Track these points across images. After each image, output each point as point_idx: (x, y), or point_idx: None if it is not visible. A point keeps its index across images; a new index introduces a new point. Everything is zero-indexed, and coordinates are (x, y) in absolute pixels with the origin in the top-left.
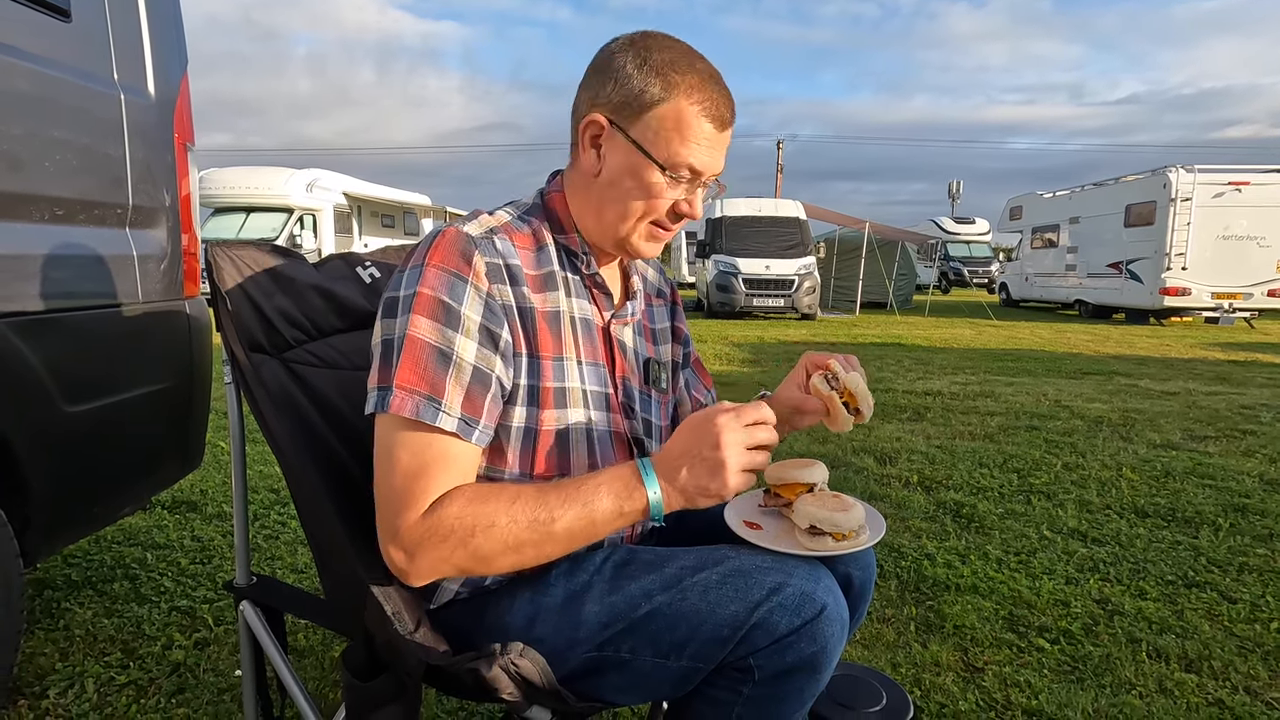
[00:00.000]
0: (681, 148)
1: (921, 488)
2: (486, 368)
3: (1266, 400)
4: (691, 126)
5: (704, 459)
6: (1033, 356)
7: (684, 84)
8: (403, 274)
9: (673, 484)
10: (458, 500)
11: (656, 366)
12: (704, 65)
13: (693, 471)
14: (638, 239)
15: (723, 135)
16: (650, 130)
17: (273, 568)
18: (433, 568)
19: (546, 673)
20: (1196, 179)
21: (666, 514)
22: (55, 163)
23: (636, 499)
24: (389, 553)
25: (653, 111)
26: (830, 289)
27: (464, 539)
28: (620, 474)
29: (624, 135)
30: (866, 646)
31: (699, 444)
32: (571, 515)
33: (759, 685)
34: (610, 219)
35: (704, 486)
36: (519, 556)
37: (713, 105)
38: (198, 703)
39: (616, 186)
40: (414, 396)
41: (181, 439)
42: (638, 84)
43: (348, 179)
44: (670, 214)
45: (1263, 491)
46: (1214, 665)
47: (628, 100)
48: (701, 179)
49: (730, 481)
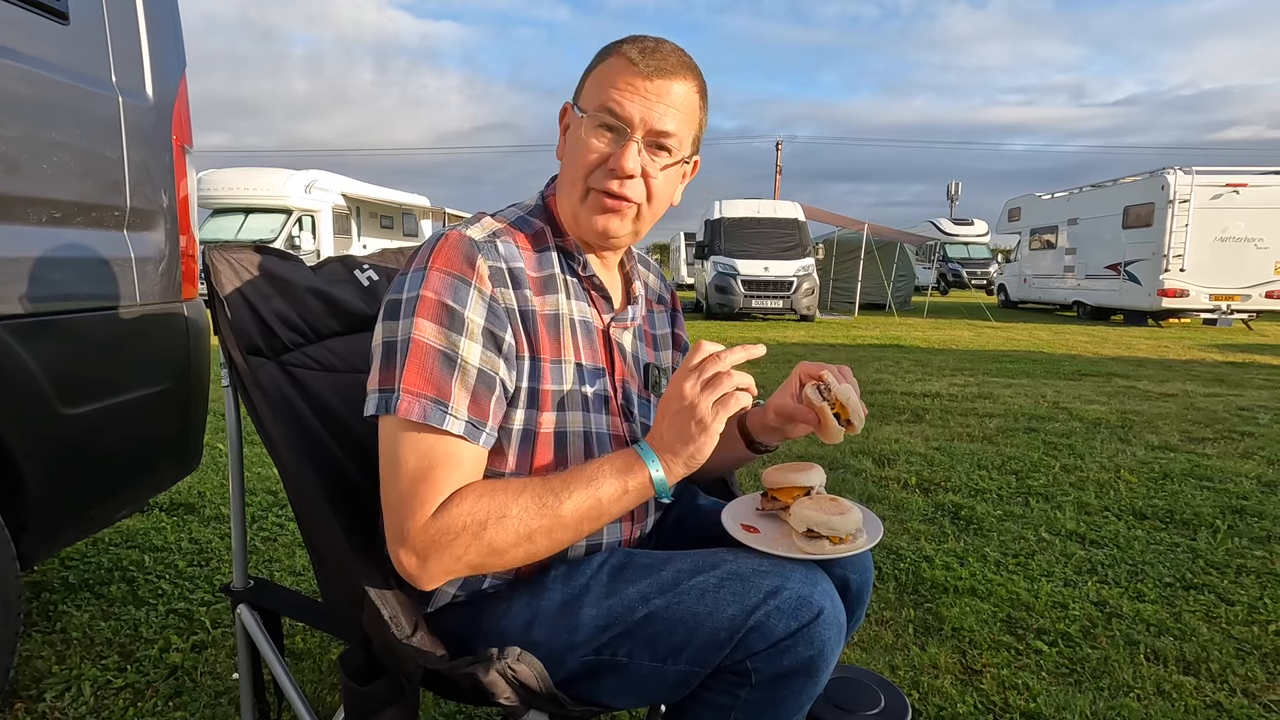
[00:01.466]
0: (600, 93)
1: (920, 490)
2: (491, 370)
3: (1264, 402)
4: (615, 71)
5: (675, 411)
6: (1031, 358)
7: (619, 47)
8: (405, 277)
9: (663, 450)
10: (467, 497)
11: (656, 371)
12: (650, 37)
13: (672, 426)
14: (588, 212)
15: (653, 85)
16: (586, 93)
17: (270, 570)
18: (446, 568)
19: (543, 677)
20: (1194, 181)
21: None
22: (53, 165)
23: (638, 474)
24: (399, 557)
25: (589, 76)
26: (829, 290)
27: (477, 533)
28: (620, 455)
29: (575, 107)
30: (864, 649)
31: (667, 404)
32: (578, 497)
33: (756, 689)
34: (564, 191)
35: (686, 434)
36: (532, 546)
37: (638, 54)
38: (195, 706)
39: (566, 157)
40: (421, 400)
41: (179, 441)
42: (589, 64)
43: (346, 180)
44: (605, 171)
45: (1260, 493)
46: (1212, 667)
47: (583, 77)
48: (633, 131)
49: (704, 418)
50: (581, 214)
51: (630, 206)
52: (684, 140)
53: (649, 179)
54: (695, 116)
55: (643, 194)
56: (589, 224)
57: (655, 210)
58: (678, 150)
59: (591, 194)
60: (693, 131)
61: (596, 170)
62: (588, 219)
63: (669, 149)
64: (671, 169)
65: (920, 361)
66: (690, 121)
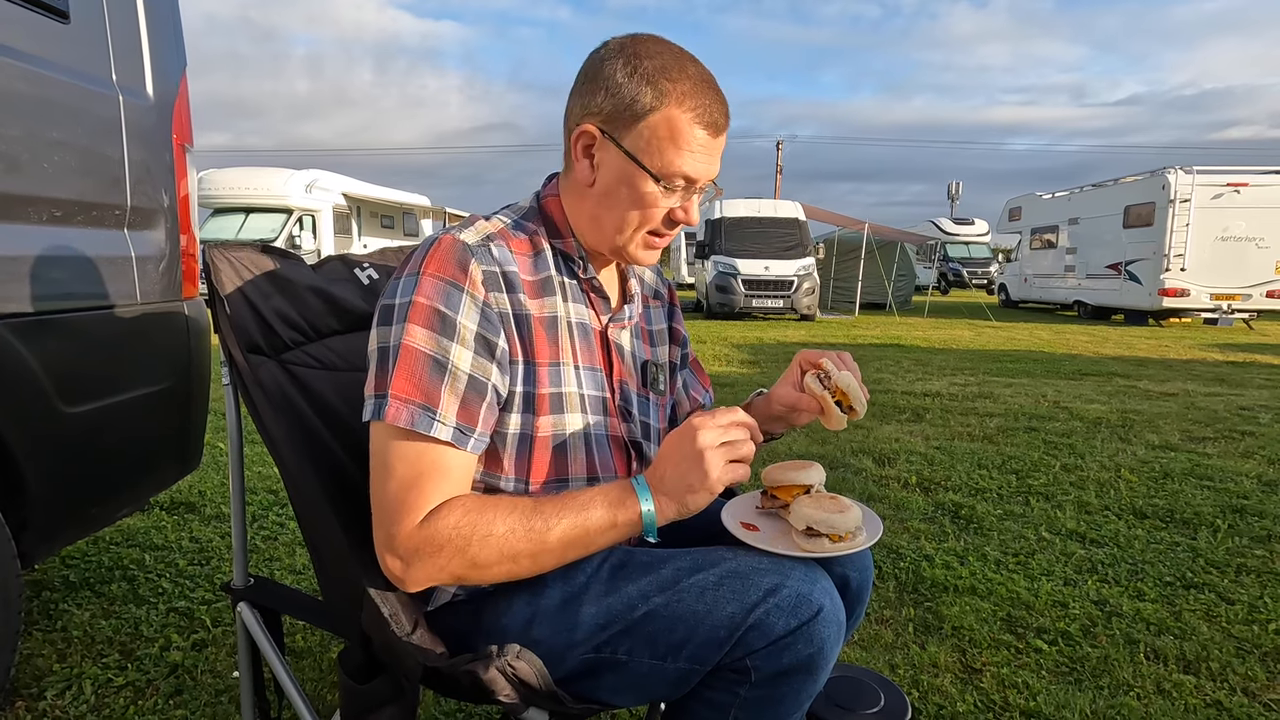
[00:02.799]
0: (675, 157)
1: (920, 489)
2: (482, 376)
3: (1265, 401)
4: (684, 134)
5: (684, 456)
6: (1031, 358)
7: (675, 91)
8: (398, 281)
9: (660, 490)
10: (455, 510)
11: (654, 369)
12: (695, 69)
13: (676, 471)
14: (635, 248)
15: (717, 141)
16: (643, 140)
17: (271, 569)
18: (429, 576)
19: (543, 674)
20: (1195, 180)
21: (661, 527)
22: (54, 164)
23: (629, 509)
24: (385, 560)
25: (645, 121)
26: (829, 290)
27: (461, 548)
28: (615, 485)
29: (616, 145)
30: (864, 647)
31: (679, 446)
32: (566, 524)
33: (756, 686)
34: (606, 228)
35: (688, 484)
36: (514, 566)
37: (705, 111)
38: (195, 704)
39: (611, 196)
40: (409, 406)
41: (180, 440)
42: (629, 93)
43: (347, 180)
44: (666, 221)
45: (1261, 492)
46: (1212, 666)
47: (619, 110)
48: (697, 186)
49: (711, 473)
50: (625, 249)
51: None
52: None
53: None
54: None
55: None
56: (633, 257)
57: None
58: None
59: (647, 236)
60: None
61: (660, 221)
62: (635, 254)
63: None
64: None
65: (921, 361)
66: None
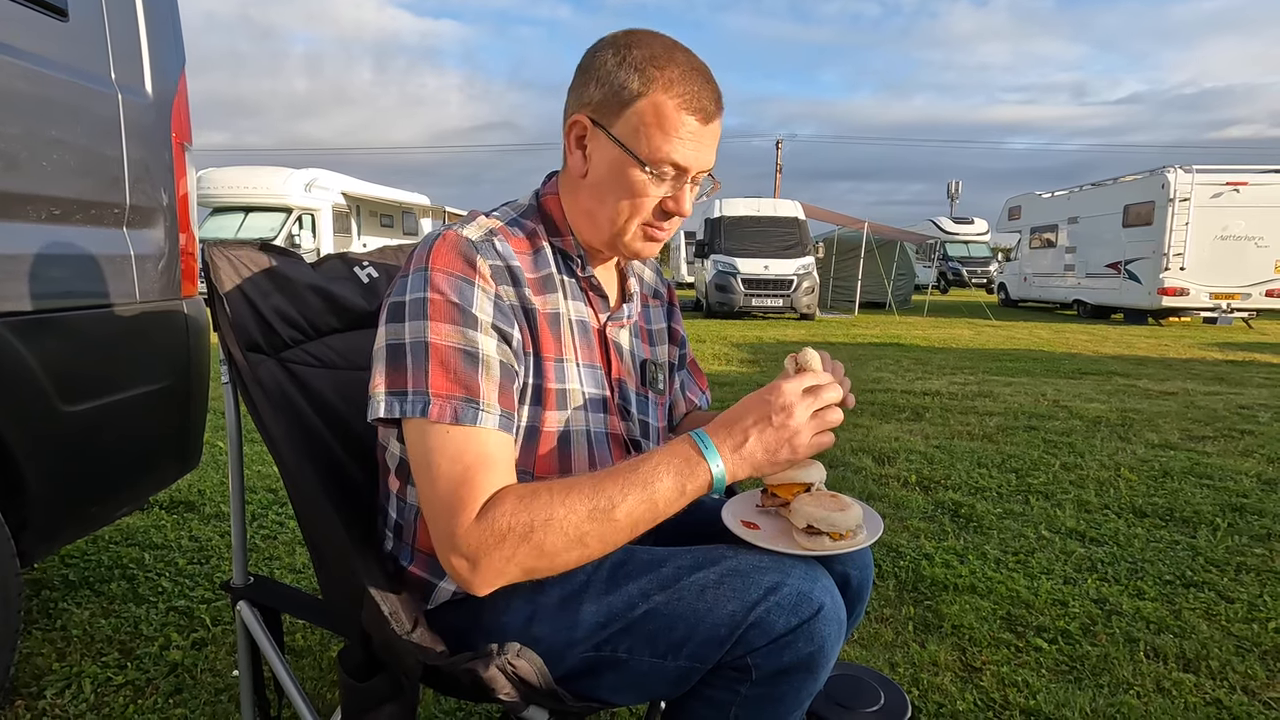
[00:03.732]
0: (664, 143)
1: (920, 487)
2: (508, 361)
3: (1264, 400)
4: (671, 120)
5: (774, 425)
6: (1031, 356)
7: (663, 77)
8: (406, 279)
9: (738, 452)
10: (509, 498)
11: (653, 368)
12: (685, 57)
13: (762, 437)
14: (631, 239)
15: (708, 128)
16: (630, 127)
17: (270, 568)
18: (499, 570)
19: (543, 673)
20: (1195, 179)
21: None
22: (52, 162)
23: (699, 474)
24: (450, 563)
25: (632, 107)
26: (829, 289)
27: (524, 535)
28: (679, 450)
29: (606, 134)
30: (864, 646)
31: (767, 410)
32: (633, 499)
33: (756, 685)
34: (601, 220)
35: (773, 451)
36: (584, 549)
37: (694, 98)
38: (195, 703)
39: (603, 187)
40: (451, 402)
41: (179, 439)
42: (617, 80)
43: (346, 179)
44: (659, 212)
45: (1260, 491)
46: (1211, 665)
47: (608, 98)
48: (689, 175)
49: (798, 446)
50: (620, 241)
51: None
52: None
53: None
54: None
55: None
56: (630, 250)
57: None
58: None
59: (642, 228)
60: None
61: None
62: (632, 246)
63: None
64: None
65: (920, 360)
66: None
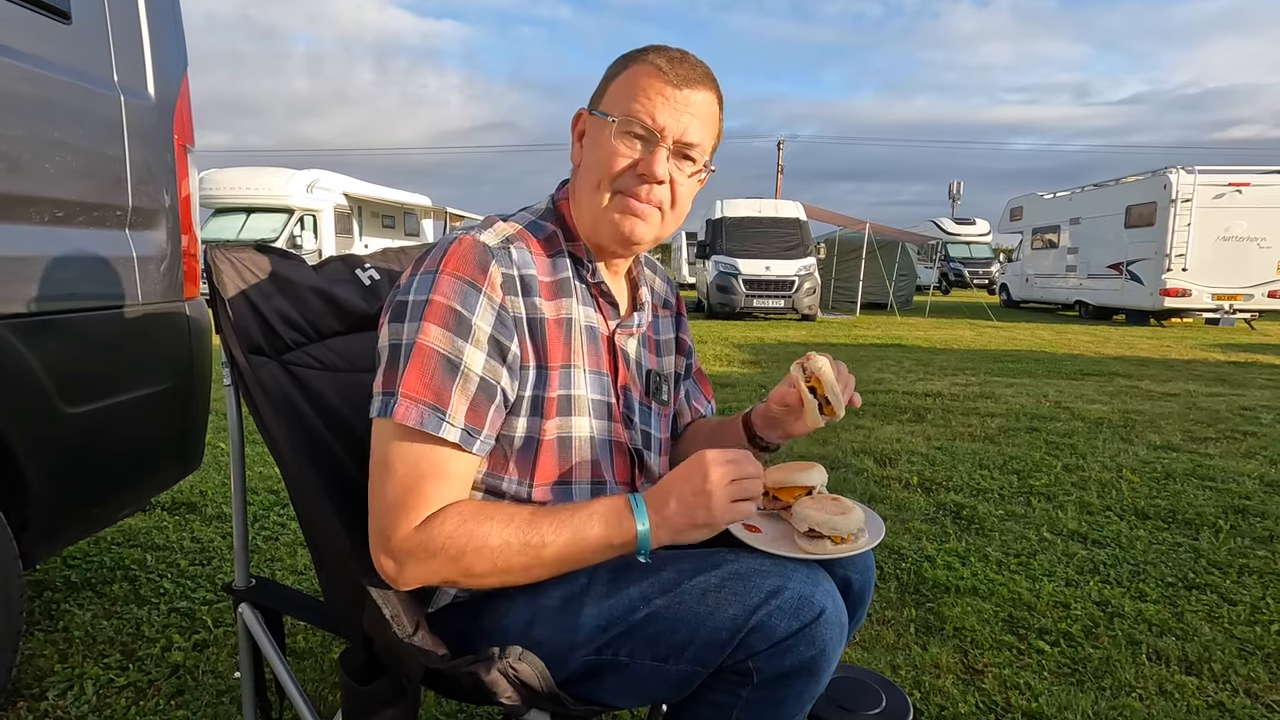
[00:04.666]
0: (631, 101)
1: (921, 489)
2: (492, 379)
3: (1267, 402)
4: (642, 83)
5: (692, 490)
6: (1033, 358)
7: (641, 56)
8: (415, 279)
9: (660, 513)
10: (452, 518)
11: (658, 378)
12: (675, 48)
13: (682, 503)
14: (608, 209)
15: (681, 94)
16: (609, 99)
17: (272, 570)
18: (420, 579)
19: (545, 676)
20: (1197, 180)
21: (652, 549)
22: (55, 164)
23: (625, 529)
24: (379, 559)
25: (613, 83)
26: (830, 290)
27: (455, 557)
28: (613, 504)
29: (591, 112)
30: (866, 648)
31: (688, 478)
32: (563, 541)
33: (758, 688)
34: (584, 196)
35: (693, 519)
36: (507, 577)
37: (666, 63)
38: (197, 704)
39: (586, 161)
40: (419, 405)
41: (181, 440)
42: (608, 71)
43: (348, 179)
44: (632, 176)
45: (1263, 493)
46: (1214, 668)
47: (600, 86)
48: (660, 138)
49: (715, 513)
50: (604, 218)
51: (655, 211)
52: (706, 149)
53: (674, 185)
54: (716, 126)
55: (668, 199)
56: (613, 228)
57: (678, 215)
58: (700, 159)
59: (617, 197)
60: (713, 141)
61: (624, 175)
62: (611, 222)
63: (693, 158)
64: (694, 176)
65: (922, 361)
66: (711, 131)
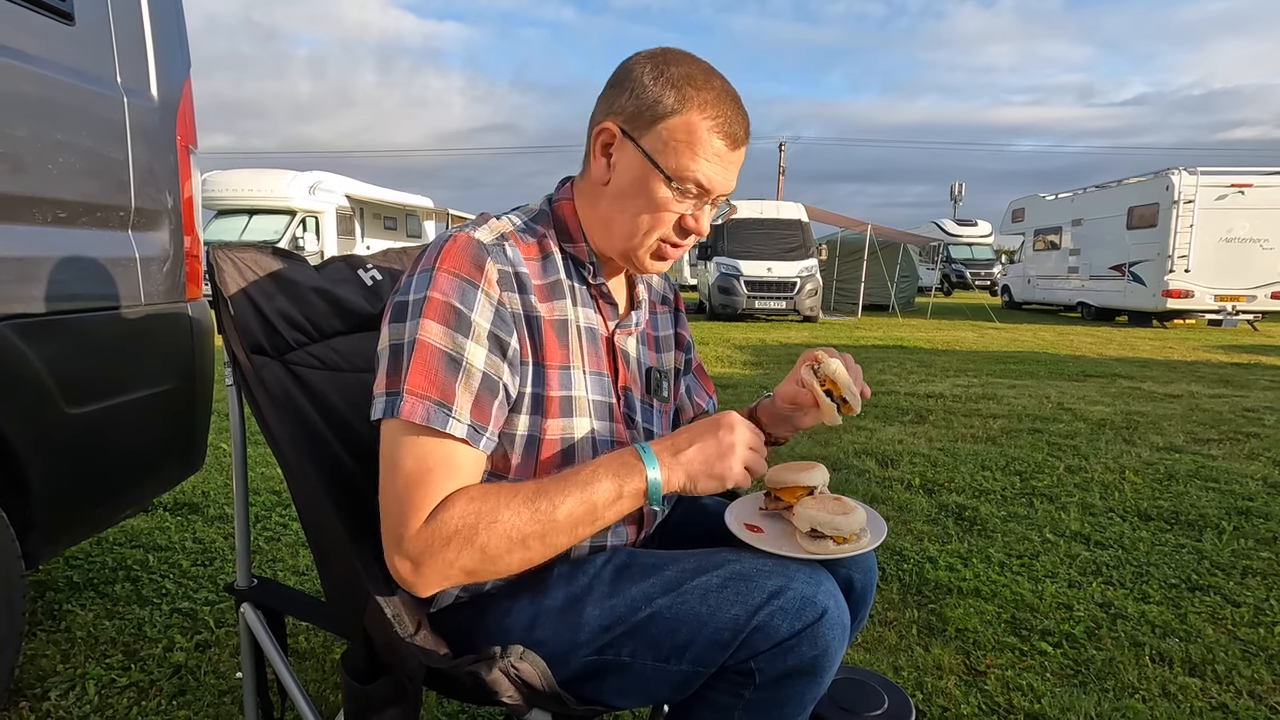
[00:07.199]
0: (690, 161)
1: (923, 490)
2: (495, 374)
3: (1270, 403)
4: (702, 140)
5: (716, 440)
6: (1035, 359)
7: (698, 98)
8: (412, 278)
9: (676, 459)
10: (459, 501)
11: (659, 375)
12: (721, 83)
13: (704, 451)
14: (644, 254)
15: (735, 154)
16: (660, 141)
17: (274, 570)
18: (441, 574)
19: (547, 676)
20: (1199, 181)
21: (665, 495)
22: (58, 165)
23: (635, 478)
24: (394, 563)
25: (665, 123)
26: (832, 291)
27: (469, 538)
28: (619, 456)
29: (634, 144)
30: (868, 649)
31: (714, 429)
32: (573, 500)
33: (760, 689)
34: (618, 231)
35: (711, 468)
36: (526, 551)
37: (726, 122)
38: (199, 705)
39: (624, 197)
40: (424, 402)
41: (183, 441)
42: (652, 94)
43: (350, 181)
44: (677, 229)
45: (1266, 494)
46: (1218, 669)
47: (641, 110)
48: (710, 197)
49: (735, 467)
50: (635, 255)
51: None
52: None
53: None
54: None
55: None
56: (642, 264)
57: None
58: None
59: (659, 245)
60: None
61: (669, 226)
62: (642, 261)
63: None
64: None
65: (924, 362)
66: None
